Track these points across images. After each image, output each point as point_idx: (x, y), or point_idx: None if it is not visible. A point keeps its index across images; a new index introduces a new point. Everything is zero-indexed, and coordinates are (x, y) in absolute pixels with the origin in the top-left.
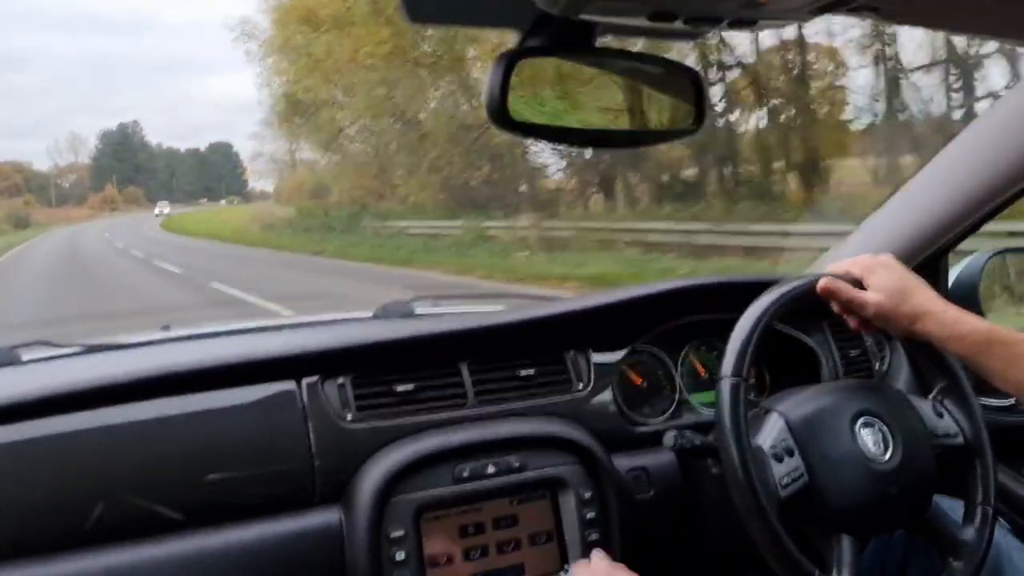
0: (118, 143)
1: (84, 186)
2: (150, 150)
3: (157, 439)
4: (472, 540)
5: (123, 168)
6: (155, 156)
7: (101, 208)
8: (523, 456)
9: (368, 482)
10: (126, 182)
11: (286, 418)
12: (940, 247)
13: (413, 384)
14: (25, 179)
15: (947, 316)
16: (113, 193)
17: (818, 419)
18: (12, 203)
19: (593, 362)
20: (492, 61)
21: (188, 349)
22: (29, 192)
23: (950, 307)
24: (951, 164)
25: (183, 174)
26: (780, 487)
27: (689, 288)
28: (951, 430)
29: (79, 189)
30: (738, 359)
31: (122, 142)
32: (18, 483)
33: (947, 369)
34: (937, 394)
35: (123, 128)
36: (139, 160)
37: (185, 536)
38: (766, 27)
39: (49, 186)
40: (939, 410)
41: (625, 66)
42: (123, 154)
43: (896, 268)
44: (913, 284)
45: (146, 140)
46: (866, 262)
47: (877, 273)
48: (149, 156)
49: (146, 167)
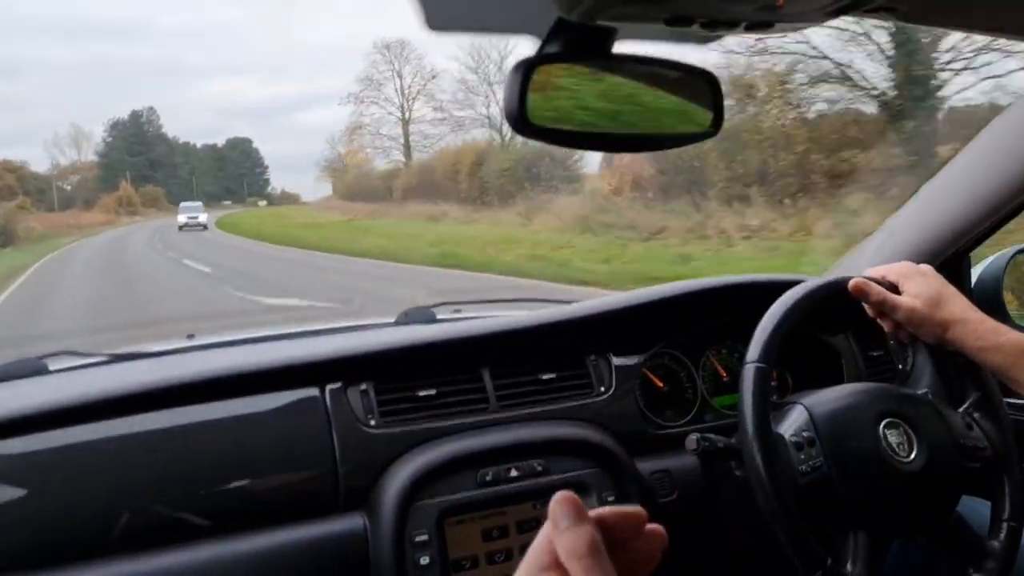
0: (131, 135)
1: (90, 187)
2: (168, 143)
3: (182, 447)
4: (496, 544)
5: (138, 164)
6: (174, 150)
7: (116, 211)
8: (546, 460)
9: (392, 487)
10: (142, 180)
11: (310, 424)
12: (962, 246)
13: (436, 389)
14: (19, 179)
15: (983, 326)
16: (130, 192)
17: (842, 415)
18: (2, 207)
19: (614, 365)
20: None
21: (212, 357)
22: (25, 195)
23: (987, 318)
24: (973, 163)
25: (202, 172)
26: (798, 475)
27: (710, 290)
28: (980, 442)
29: (84, 191)
30: (765, 345)
31: (136, 133)
32: (45, 492)
33: (980, 381)
34: (968, 406)
35: (136, 117)
36: (156, 155)
37: (210, 543)
38: (784, 30)
39: (49, 188)
40: (968, 421)
41: (643, 71)
42: (137, 148)
43: (933, 276)
44: (949, 293)
45: (163, 131)
46: (903, 269)
47: (913, 279)
48: (168, 150)
49: (164, 162)
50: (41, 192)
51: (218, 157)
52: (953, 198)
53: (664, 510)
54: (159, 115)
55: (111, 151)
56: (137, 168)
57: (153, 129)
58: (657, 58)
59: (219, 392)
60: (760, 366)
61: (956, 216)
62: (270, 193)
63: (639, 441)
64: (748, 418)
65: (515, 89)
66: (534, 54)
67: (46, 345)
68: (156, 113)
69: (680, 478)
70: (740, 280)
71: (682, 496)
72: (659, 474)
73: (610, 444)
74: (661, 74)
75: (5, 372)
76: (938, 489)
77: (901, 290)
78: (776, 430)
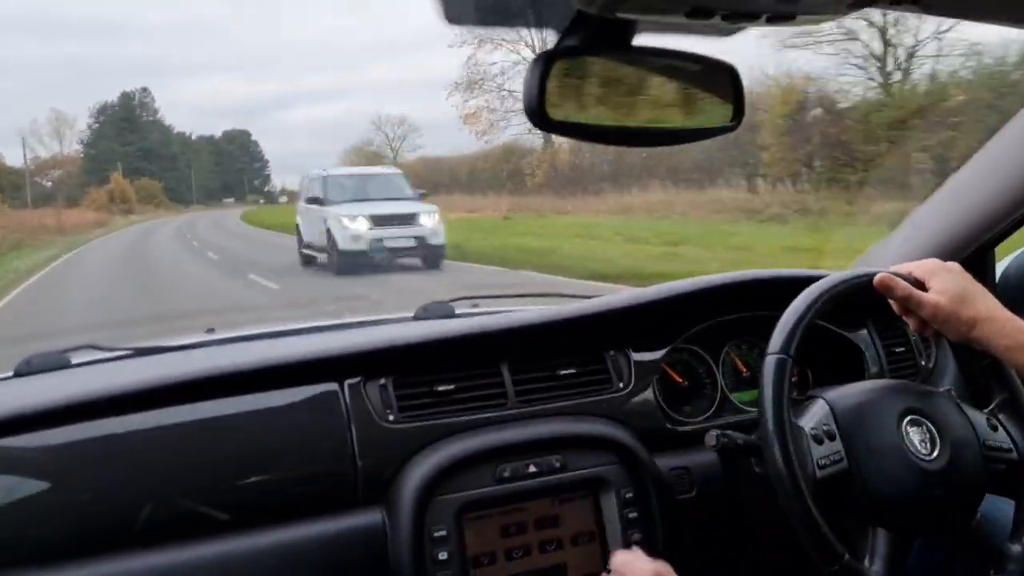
0: (121, 120)
1: (73, 182)
2: (164, 130)
3: (202, 441)
4: (514, 540)
5: (129, 155)
6: (171, 139)
7: (108, 208)
8: (564, 456)
9: (410, 482)
10: (134, 173)
11: (329, 419)
12: (987, 241)
13: (454, 384)
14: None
15: (1011, 325)
16: (124, 186)
17: (864, 410)
18: None
19: (633, 361)
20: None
21: (232, 351)
22: None
23: (1014, 317)
24: (998, 157)
25: (199, 167)
26: (817, 467)
27: (729, 285)
28: (1005, 444)
29: (67, 186)
30: (787, 337)
31: (126, 118)
32: (68, 485)
33: (1006, 382)
34: (994, 407)
35: (127, 100)
36: (151, 143)
37: (230, 537)
38: (804, 22)
39: (24, 184)
40: (994, 422)
41: (662, 64)
42: (129, 136)
43: (960, 274)
44: (976, 290)
45: (159, 117)
46: (930, 265)
47: (940, 276)
48: (164, 138)
49: (160, 153)
50: (17, 189)
51: (215, 151)
52: (978, 192)
53: (683, 507)
54: (154, 97)
55: (98, 140)
56: (129, 159)
57: (148, 114)
58: (678, 51)
59: (239, 387)
60: (782, 357)
61: (981, 210)
62: (269, 191)
63: (658, 437)
64: (768, 408)
65: (534, 83)
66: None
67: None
68: (151, 95)
69: (699, 475)
70: (760, 275)
71: (701, 493)
72: (678, 471)
73: (629, 440)
74: (681, 67)
75: (28, 366)
76: (960, 489)
77: (927, 287)
78: (796, 422)
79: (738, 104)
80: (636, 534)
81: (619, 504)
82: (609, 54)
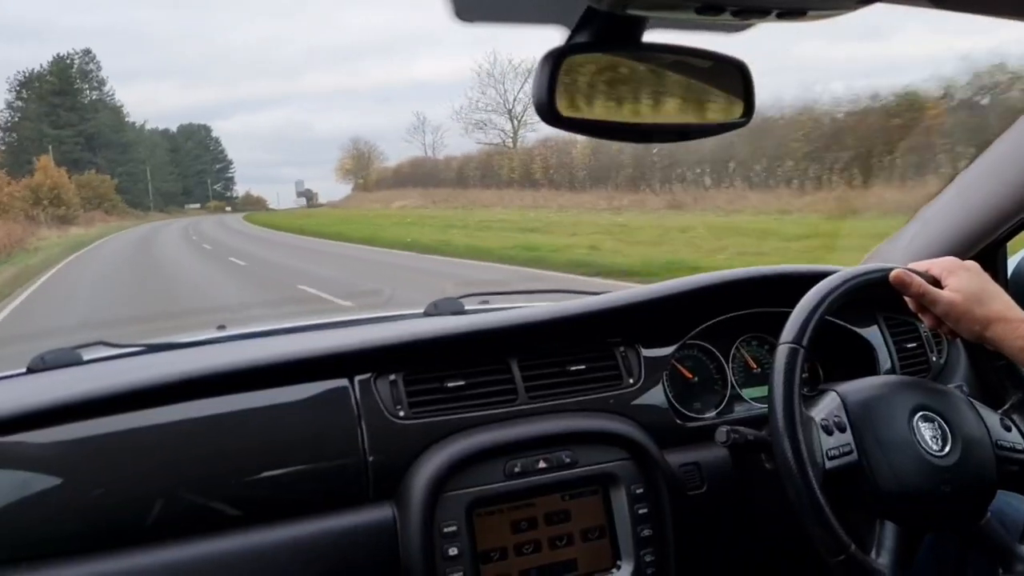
0: (54, 95)
1: None
2: (114, 111)
3: (213, 437)
4: (524, 535)
5: (66, 140)
6: (123, 124)
7: (29, 213)
8: (574, 452)
9: (420, 478)
10: (73, 165)
11: (339, 415)
12: (998, 237)
13: (464, 380)
14: None
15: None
16: (56, 177)
17: (876, 403)
18: None
19: (643, 357)
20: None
21: (243, 348)
22: None
23: None
24: (1008, 153)
25: (154, 165)
26: (826, 458)
27: (740, 281)
28: (1018, 444)
29: None
30: (801, 327)
31: (61, 91)
32: (80, 481)
33: (1021, 383)
34: (1008, 408)
35: (62, 67)
36: (95, 127)
37: (241, 532)
38: (816, 18)
39: None
40: (1007, 423)
41: (673, 60)
42: (67, 116)
43: (977, 273)
44: (992, 290)
45: (108, 92)
46: (947, 263)
47: (957, 275)
48: (114, 122)
49: (110, 140)
50: None
51: (172, 147)
52: (989, 187)
53: (693, 503)
54: (100, 64)
55: (21, 120)
56: (65, 145)
57: (91, 87)
58: (688, 47)
59: (249, 383)
60: (794, 346)
61: (992, 206)
62: (231, 196)
63: (668, 433)
64: (778, 396)
65: (544, 80)
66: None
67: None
68: (95, 60)
69: (710, 471)
70: (772, 271)
71: (711, 489)
72: (688, 466)
73: (639, 436)
74: (691, 63)
75: (40, 363)
76: (971, 486)
77: (944, 284)
78: (807, 412)
79: (748, 100)
80: (646, 530)
81: (629, 500)
82: (619, 51)
